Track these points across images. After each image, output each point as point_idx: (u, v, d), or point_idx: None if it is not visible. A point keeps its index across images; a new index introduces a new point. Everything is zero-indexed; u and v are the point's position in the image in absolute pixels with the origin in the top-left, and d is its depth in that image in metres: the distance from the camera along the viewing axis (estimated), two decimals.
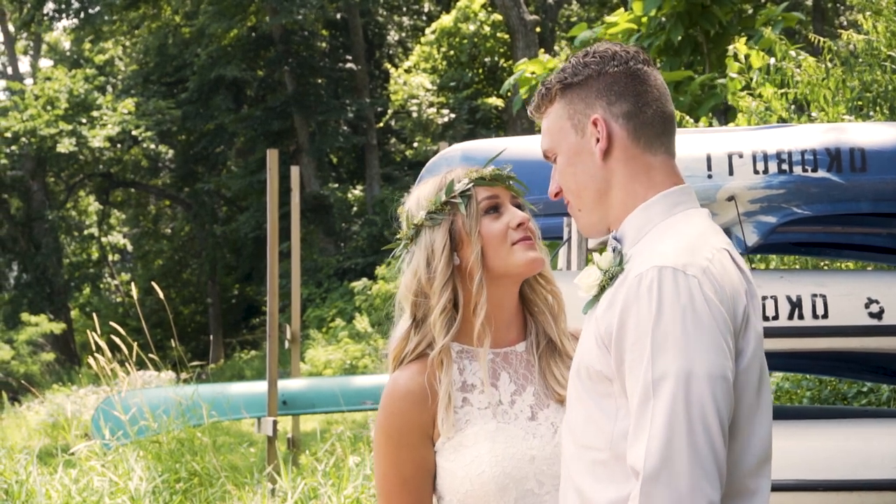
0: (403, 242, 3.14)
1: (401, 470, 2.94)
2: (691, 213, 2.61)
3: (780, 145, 4.44)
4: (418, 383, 2.96)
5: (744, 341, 2.46)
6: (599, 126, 2.64)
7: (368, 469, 8.92)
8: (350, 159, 37.53)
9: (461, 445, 2.90)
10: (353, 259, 31.16)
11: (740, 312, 2.46)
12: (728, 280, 2.47)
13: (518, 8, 26.16)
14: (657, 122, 2.65)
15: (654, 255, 2.50)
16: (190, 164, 36.99)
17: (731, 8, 12.53)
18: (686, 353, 2.38)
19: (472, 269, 2.98)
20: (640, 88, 2.65)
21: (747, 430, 2.45)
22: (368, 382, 14.70)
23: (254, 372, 27.27)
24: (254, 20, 35.18)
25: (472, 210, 3.01)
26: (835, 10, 33.92)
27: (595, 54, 2.69)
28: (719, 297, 2.43)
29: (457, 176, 3.08)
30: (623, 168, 2.64)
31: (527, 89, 13.31)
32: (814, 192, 4.37)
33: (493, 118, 31.72)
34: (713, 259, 2.47)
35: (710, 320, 2.40)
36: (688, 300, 2.41)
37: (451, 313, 2.99)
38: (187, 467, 9.90)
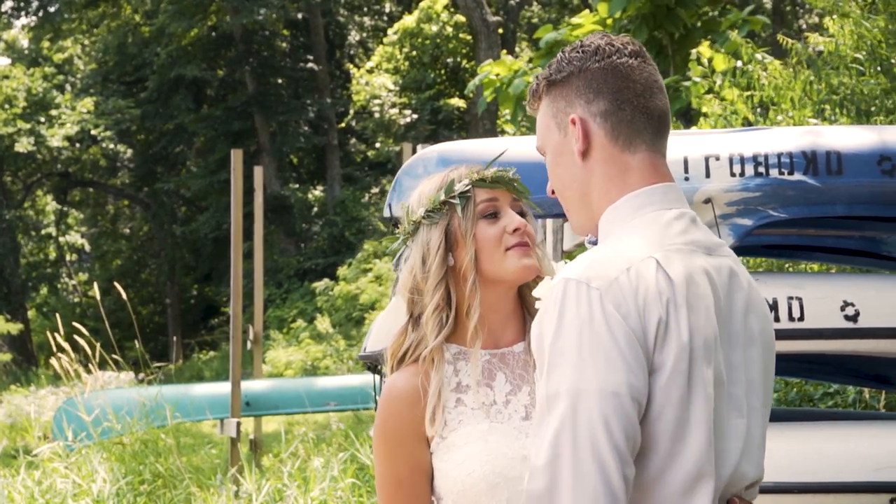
0: (402, 238, 3.13)
1: (397, 471, 2.94)
2: (655, 215, 2.53)
3: (757, 148, 4.45)
4: (413, 385, 2.95)
5: (662, 355, 2.35)
6: (577, 126, 2.58)
7: (336, 471, 8.90)
8: (310, 160, 37.46)
9: (453, 446, 2.89)
10: (314, 259, 31.11)
11: (653, 325, 2.35)
12: (641, 292, 2.37)
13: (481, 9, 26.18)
14: (638, 119, 2.56)
15: (571, 266, 2.46)
16: (149, 164, 36.84)
17: (695, 11, 12.57)
18: (579, 369, 2.31)
19: (466, 271, 2.96)
20: (620, 84, 2.56)
21: (672, 448, 2.36)
22: (332, 384, 14.68)
23: (213, 373, 27.16)
24: (214, 20, 35.08)
25: (468, 212, 2.99)
26: (794, 14, 34.14)
27: (579, 49, 2.62)
28: (623, 311, 2.34)
29: (458, 175, 3.05)
30: (601, 168, 2.58)
31: (491, 91, 13.32)
32: (790, 194, 4.38)
33: (456, 119, 31.74)
34: (630, 269, 2.39)
35: (608, 335, 2.32)
36: (587, 314, 2.34)
37: (444, 312, 2.97)
38: (151, 469, 9.84)
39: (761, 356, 2.54)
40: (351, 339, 24.42)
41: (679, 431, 2.35)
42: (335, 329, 25.33)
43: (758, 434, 2.50)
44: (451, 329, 2.99)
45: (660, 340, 2.36)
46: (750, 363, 2.51)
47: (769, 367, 2.57)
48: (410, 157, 4.77)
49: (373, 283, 25.81)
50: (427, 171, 4.61)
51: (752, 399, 2.50)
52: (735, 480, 2.44)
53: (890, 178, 4.41)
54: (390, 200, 4.72)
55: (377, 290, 25.21)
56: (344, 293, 26.12)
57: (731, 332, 2.49)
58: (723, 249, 2.58)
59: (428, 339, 2.97)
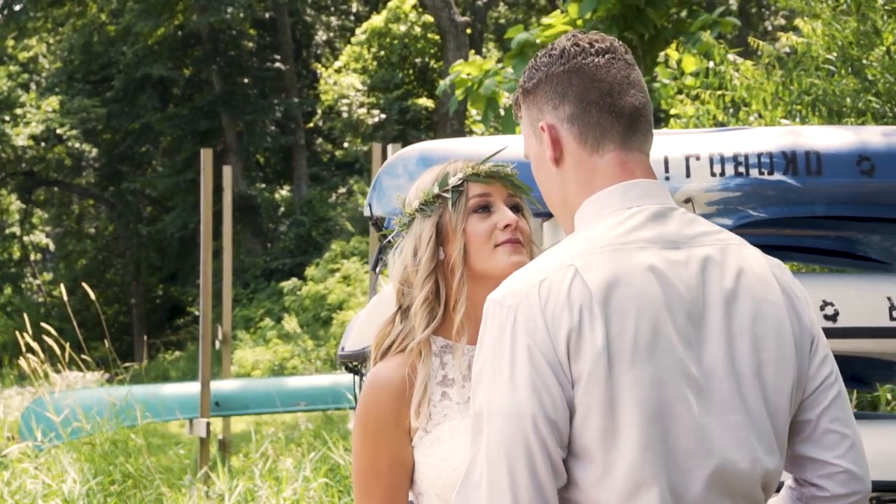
0: (397, 229, 3.13)
1: (375, 462, 2.92)
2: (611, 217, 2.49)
3: (737, 148, 4.46)
4: (398, 375, 2.94)
5: (578, 365, 2.32)
6: (546, 133, 2.55)
7: (308, 471, 8.88)
8: (277, 159, 37.39)
9: (438, 440, 2.88)
10: (281, 259, 31.06)
11: (562, 338, 2.32)
12: (550, 305, 2.34)
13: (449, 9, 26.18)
14: (605, 119, 2.51)
15: (501, 284, 2.47)
16: (115, 164, 36.67)
17: (665, 12, 12.62)
18: (489, 391, 2.33)
19: (455, 265, 2.96)
20: (585, 86, 2.52)
21: (604, 457, 2.32)
22: (302, 384, 14.67)
23: (179, 373, 27.08)
24: (181, 19, 34.97)
25: (459, 206, 2.99)
26: (759, 15, 34.30)
27: (546, 54, 2.59)
28: (530, 327, 2.33)
29: (453, 169, 3.05)
30: (573, 174, 2.54)
31: (462, 91, 13.33)
32: (770, 194, 4.39)
33: (424, 119, 31.74)
34: (544, 281, 2.37)
35: (515, 356, 2.32)
36: (498, 334, 2.35)
37: (432, 305, 2.97)
38: (121, 469, 9.79)
39: (753, 347, 2.45)
40: (319, 340, 24.39)
41: (608, 440, 2.32)
42: (303, 329, 25.29)
43: (760, 428, 2.43)
44: (440, 322, 2.99)
45: (573, 351, 2.32)
46: (737, 356, 2.43)
47: (771, 357, 2.46)
48: (391, 156, 4.76)
49: (341, 283, 25.79)
50: (407, 170, 4.61)
51: (747, 392, 2.42)
52: (731, 478, 2.39)
53: (869, 179, 4.43)
54: (370, 200, 4.72)
55: (345, 290, 25.18)
56: (312, 293, 26.08)
57: (706, 326, 2.42)
58: (699, 240, 2.49)
59: (416, 332, 2.97)
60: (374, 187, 4.71)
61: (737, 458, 2.40)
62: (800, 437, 2.55)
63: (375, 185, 4.70)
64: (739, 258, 2.51)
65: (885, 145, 4.50)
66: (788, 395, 2.49)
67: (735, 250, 2.52)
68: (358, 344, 4.56)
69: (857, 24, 9.06)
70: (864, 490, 2.56)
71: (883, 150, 4.47)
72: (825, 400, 2.54)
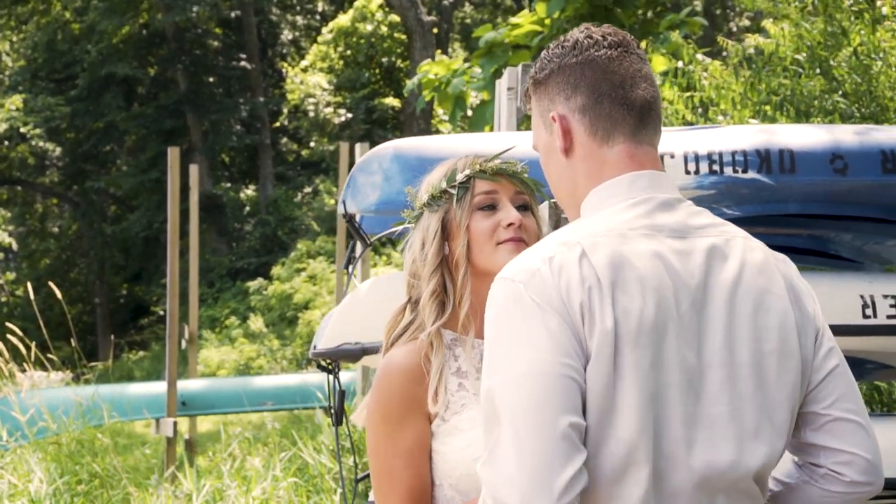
0: (407, 222, 3.16)
1: (402, 447, 2.89)
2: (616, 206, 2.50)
3: (711, 146, 4.47)
4: (414, 361, 2.94)
5: (591, 340, 2.32)
6: (557, 123, 2.57)
7: (279, 470, 8.86)
8: (242, 159, 37.27)
9: (456, 429, 2.88)
10: (246, 259, 30.96)
11: (577, 310, 2.33)
12: (563, 279, 2.35)
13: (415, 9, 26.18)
14: (617, 111, 2.53)
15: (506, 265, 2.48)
16: (79, 163, 36.45)
17: (633, 12, 12.65)
18: (506, 360, 2.32)
19: (459, 262, 2.99)
20: (597, 78, 2.54)
21: (598, 435, 2.32)
22: (269, 383, 14.65)
23: (143, 372, 26.95)
24: (146, 17, 34.80)
25: (464, 203, 3.01)
26: (724, 16, 34.46)
27: (558, 46, 2.60)
28: (545, 298, 2.33)
29: (461, 165, 3.07)
30: (582, 165, 2.56)
31: (430, 90, 13.31)
32: (744, 192, 4.41)
33: (390, 118, 31.71)
34: (553, 258, 2.38)
35: (532, 321, 2.32)
36: (512, 307, 2.35)
37: (440, 299, 3.00)
38: (88, 468, 9.74)
39: (754, 338, 2.46)
40: (285, 339, 24.34)
41: (606, 418, 2.32)
42: (269, 329, 25.23)
43: (751, 420, 2.43)
44: (449, 316, 3.01)
45: (587, 326, 2.33)
46: (736, 347, 2.44)
47: (773, 349, 2.47)
48: (365, 154, 4.75)
49: (307, 282, 25.74)
50: (381, 167, 4.60)
51: (742, 384, 2.43)
52: (713, 470, 2.39)
53: (842, 177, 4.45)
54: (344, 197, 4.72)
55: (311, 289, 25.14)
56: (278, 293, 26.02)
57: (707, 315, 2.43)
58: (705, 231, 2.51)
59: (426, 324, 2.99)
60: (348, 185, 4.70)
61: (720, 451, 2.40)
62: (812, 427, 2.55)
63: (350, 183, 4.69)
64: (744, 250, 2.52)
65: (857, 144, 4.52)
66: (791, 388, 2.49)
67: (740, 242, 2.53)
68: (332, 342, 4.55)
69: (825, 25, 9.12)
70: (879, 483, 2.57)
71: (856, 148, 4.49)
72: (836, 390, 2.55)
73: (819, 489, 2.58)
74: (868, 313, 4.47)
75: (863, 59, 8.89)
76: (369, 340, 4.48)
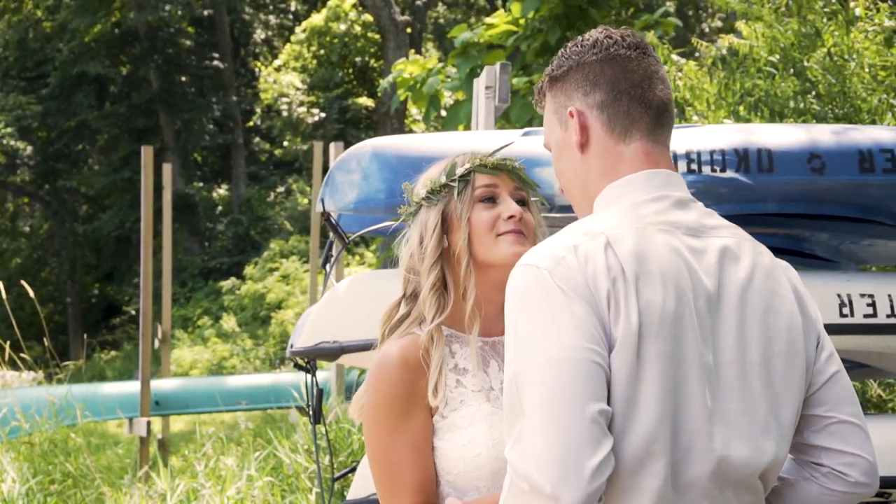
0: (404, 217, 3.17)
1: (409, 439, 2.89)
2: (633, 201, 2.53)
3: (690, 145, 4.47)
4: (413, 354, 2.95)
5: (616, 329, 2.34)
6: (575, 118, 2.60)
7: (253, 470, 8.83)
8: (215, 158, 37.19)
9: (456, 426, 2.89)
10: (219, 259, 30.91)
11: (603, 298, 2.35)
12: (589, 267, 2.37)
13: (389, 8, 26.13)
14: (635, 109, 2.58)
15: (526, 253, 2.48)
16: (50, 161, 36.29)
17: (607, 12, 12.66)
18: (532, 346, 2.32)
19: (460, 254, 3.00)
20: (617, 75, 2.58)
21: (621, 424, 2.33)
22: (242, 383, 14.60)
23: (115, 372, 26.85)
24: (118, 16, 34.68)
25: (465, 195, 3.03)
26: (697, 17, 34.56)
27: (578, 44, 2.64)
28: (570, 285, 2.35)
29: (461, 160, 3.10)
30: (597, 160, 2.60)
31: (404, 90, 13.30)
32: (722, 192, 4.41)
33: (364, 118, 31.70)
34: (578, 247, 2.40)
35: (557, 308, 2.33)
36: (537, 293, 2.36)
37: (440, 293, 3.01)
38: (61, 468, 9.69)
39: (764, 338, 2.50)
40: (257, 339, 24.29)
41: (629, 407, 2.33)
42: (241, 328, 25.18)
43: (761, 419, 2.46)
44: (449, 311, 3.02)
45: (612, 315, 2.35)
46: (748, 346, 2.48)
47: (781, 350, 2.51)
48: (343, 152, 4.73)
49: (280, 282, 25.70)
50: (360, 165, 4.59)
51: (752, 383, 2.47)
52: (727, 465, 2.42)
53: (819, 176, 4.46)
54: (322, 195, 4.70)
55: (284, 289, 25.10)
56: (250, 292, 25.97)
57: (721, 313, 2.47)
58: (717, 231, 2.56)
59: (427, 318, 2.99)
60: (326, 183, 4.69)
61: (734, 447, 2.43)
62: (813, 429, 2.60)
63: (328, 181, 4.68)
64: (753, 252, 2.58)
65: (835, 143, 4.53)
66: (797, 389, 2.54)
67: (749, 245, 2.58)
68: (310, 340, 4.52)
69: (798, 26, 9.15)
70: (877, 485, 2.62)
71: (833, 148, 4.51)
72: (837, 394, 2.60)
73: (820, 487, 2.61)
74: (845, 312, 4.49)
75: (836, 61, 8.93)
76: (348, 339, 4.46)
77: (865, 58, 9.06)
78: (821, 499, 2.62)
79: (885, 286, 4.60)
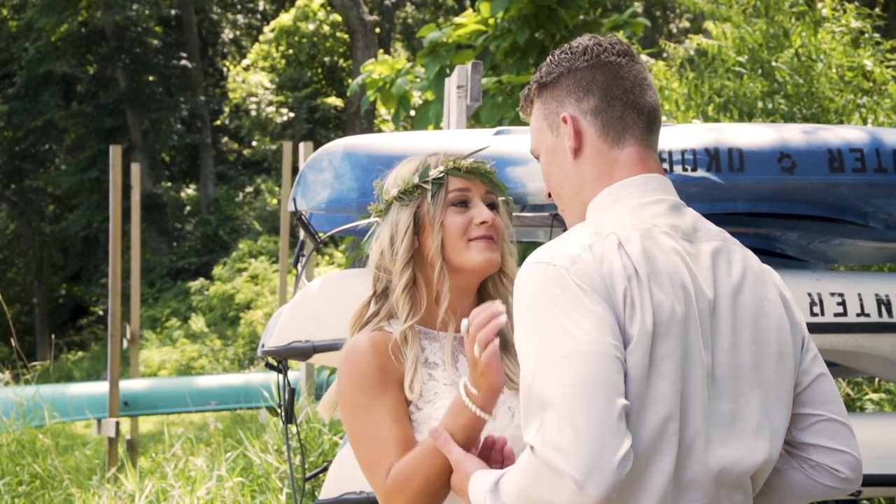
0: (374, 214, 3.17)
1: (388, 413, 2.87)
2: (630, 204, 2.57)
3: (661, 144, 4.43)
4: (382, 342, 2.95)
5: (632, 328, 2.37)
6: (568, 123, 2.63)
7: (223, 470, 8.81)
8: (183, 158, 37.08)
9: (430, 418, 2.88)
10: (187, 259, 30.81)
11: (619, 296, 2.38)
12: (605, 266, 2.40)
13: (358, 8, 26.09)
14: (628, 115, 2.61)
15: (534, 253, 2.48)
16: (16, 161, 36.09)
17: (576, 12, 12.67)
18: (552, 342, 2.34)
19: (433, 257, 3.01)
20: (609, 82, 2.62)
21: (634, 421, 2.36)
22: (212, 383, 14.57)
23: (83, 373, 26.74)
24: (85, 15, 34.52)
25: (439, 199, 3.03)
26: (665, 18, 34.66)
27: (568, 50, 2.67)
28: (588, 283, 2.37)
29: (435, 161, 3.09)
30: (591, 165, 2.62)
31: (374, 91, 13.28)
32: (693, 191, 4.42)
33: (333, 118, 31.66)
34: (593, 245, 2.43)
35: (577, 303, 2.35)
36: (555, 289, 2.37)
37: (412, 292, 3.02)
38: (29, 469, 9.65)
39: (755, 341, 2.54)
40: (226, 339, 24.24)
41: (639, 405, 2.36)
42: (210, 329, 25.11)
43: (754, 420, 2.50)
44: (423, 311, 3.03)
45: (628, 312, 2.38)
46: (740, 349, 2.52)
47: (772, 352, 2.55)
48: (315, 152, 4.73)
49: (249, 282, 25.65)
50: (332, 165, 4.59)
51: (746, 385, 2.51)
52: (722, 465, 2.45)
53: (790, 176, 4.49)
54: (294, 194, 4.70)
55: (253, 289, 25.05)
56: (219, 293, 25.90)
57: (717, 316, 2.50)
58: (708, 235, 2.59)
59: (400, 318, 3.00)
60: (297, 182, 4.68)
61: (729, 447, 2.47)
62: (801, 427, 2.64)
63: (299, 181, 4.67)
64: (743, 256, 2.62)
65: (805, 143, 4.56)
66: (787, 390, 2.58)
67: (739, 249, 2.63)
68: (282, 340, 4.52)
69: (766, 27, 9.19)
70: (860, 483, 2.68)
71: (803, 147, 4.53)
72: (823, 393, 2.65)
73: (807, 477, 2.65)
74: (816, 311, 4.51)
75: (804, 61, 8.98)
76: (320, 338, 4.46)
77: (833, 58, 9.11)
78: (806, 488, 2.66)
79: (855, 285, 4.63)
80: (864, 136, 4.67)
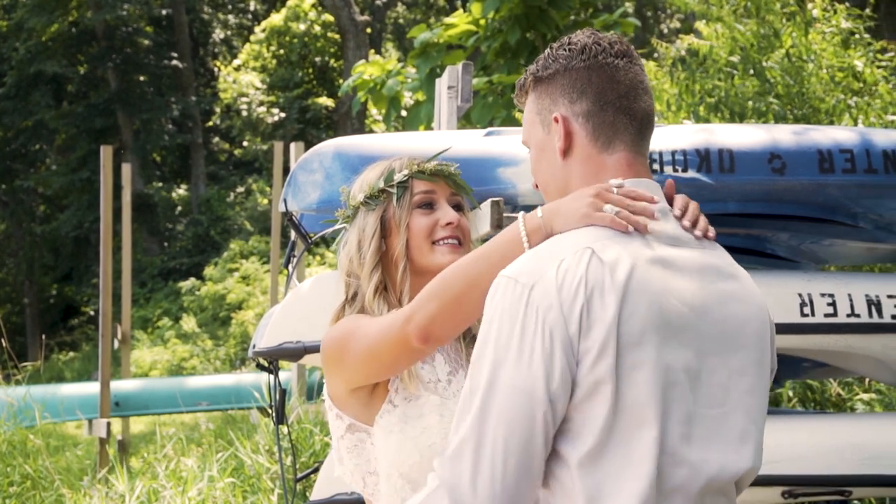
0: (342, 220, 3.19)
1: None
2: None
3: (651, 145, 4.47)
4: None
5: (588, 342, 2.35)
6: (560, 124, 2.61)
7: (215, 471, 8.80)
8: (174, 158, 37.04)
9: (407, 416, 2.90)
10: (178, 259, 30.77)
11: (575, 316, 2.35)
12: (567, 285, 2.37)
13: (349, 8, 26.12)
14: (620, 120, 2.59)
15: (512, 263, 2.48)
16: (7, 161, 36.02)
17: (567, 13, 12.68)
18: (497, 364, 2.36)
19: (398, 259, 3.04)
20: (604, 85, 2.59)
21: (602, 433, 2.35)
22: (203, 383, 14.55)
23: (74, 373, 26.70)
24: (75, 15, 34.45)
25: (404, 202, 3.06)
26: (656, 18, 34.70)
27: (566, 47, 2.64)
28: (545, 303, 2.36)
29: (399, 165, 3.13)
30: (579, 168, 2.60)
31: (365, 92, 13.28)
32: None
33: (324, 118, 31.64)
34: (562, 262, 2.40)
35: (529, 332, 2.35)
36: (511, 310, 2.38)
37: (383, 295, 3.05)
38: (20, 470, 9.64)
39: (741, 346, 2.53)
40: (218, 340, 24.21)
41: (612, 413, 2.35)
42: (201, 329, 25.07)
43: (740, 426, 2.50)
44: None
45: (584, 327, 2.35)
46: (726, 354, 2.51)
47: (753, 359, 2.55)
48: (305, 152, 4.73)
49: (240, 282, 25.62)
50: (323, 165, 4.59)
51: (732, 391, 2.50)
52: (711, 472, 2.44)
53: (780, 176, 4.50)
54: (285, 195, 4.70)
55: (244, 289, 25.02)
56: (210, 293, 25.87)
57: (704, 321, 2.49)
58: (694, 241, 2.58)
59: None
60: (288, 182, 4.69)
61: (715, 453, 2.46)
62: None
63: (290, 181, 4.68)
64: (729, 263, 2.62)
65: (795, 144, 4.57)
66: (766, 397, 2.58)
67: (724, 255, 2.63)
68: (273, 340, 4.52)
69: (757, 27, 9.21)
70: None
71: (793, 148, 4.54)
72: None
73: None
74: (806, 311, 4.52)
75: (795, 62, 8.99)
76: (311, 339, 4.47)
77: (823, 59, 9.13)
78: None
79: (845, 286, 4.64)
80: (854, 136, 4.68)
